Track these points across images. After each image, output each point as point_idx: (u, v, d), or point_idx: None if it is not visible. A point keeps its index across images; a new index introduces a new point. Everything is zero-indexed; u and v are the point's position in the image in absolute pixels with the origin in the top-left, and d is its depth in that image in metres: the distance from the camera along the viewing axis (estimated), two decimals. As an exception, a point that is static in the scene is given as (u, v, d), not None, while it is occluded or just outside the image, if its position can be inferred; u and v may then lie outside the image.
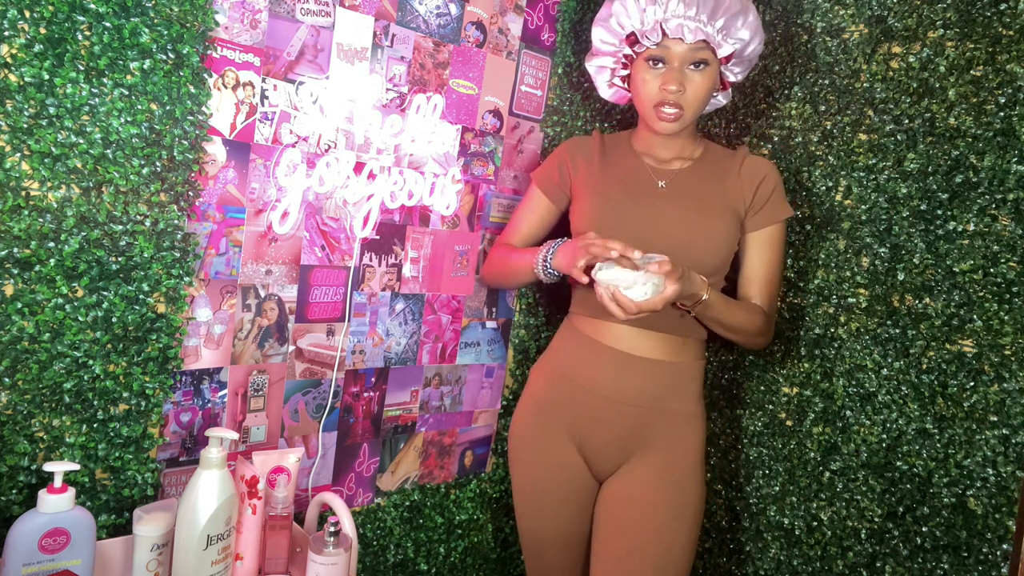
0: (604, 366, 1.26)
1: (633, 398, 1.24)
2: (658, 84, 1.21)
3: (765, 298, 1.26)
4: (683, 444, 1.25)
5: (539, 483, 1.34)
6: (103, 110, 1.01)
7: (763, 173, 1.26)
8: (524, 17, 1.53)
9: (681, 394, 1.26)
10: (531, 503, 1.36)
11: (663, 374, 1.25)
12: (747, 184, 1.26)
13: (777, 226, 1.26)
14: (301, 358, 1.31)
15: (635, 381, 1.25)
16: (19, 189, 0.95)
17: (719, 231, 1.23)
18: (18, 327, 0.98)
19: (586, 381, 1.28)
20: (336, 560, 1.05)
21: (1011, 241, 1.13)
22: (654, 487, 1.23)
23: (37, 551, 0.88)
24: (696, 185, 1.27)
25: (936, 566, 1.20)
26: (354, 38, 1.28)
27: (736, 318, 1.21)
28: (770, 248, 1.26)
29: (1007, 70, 1.14)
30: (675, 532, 1.21)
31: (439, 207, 1.45)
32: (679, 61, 1.19)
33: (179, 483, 1.19)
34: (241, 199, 1.19)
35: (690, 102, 1.21)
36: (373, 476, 1.47)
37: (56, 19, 0.95)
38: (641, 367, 1.24)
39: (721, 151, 1.32)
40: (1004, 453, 1.13)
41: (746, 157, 1.29)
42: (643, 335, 1.25)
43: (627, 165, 1.32)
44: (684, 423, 1.26)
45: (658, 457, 1.24)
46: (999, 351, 1.14)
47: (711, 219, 1.23)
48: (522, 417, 1.37)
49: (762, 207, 1.25)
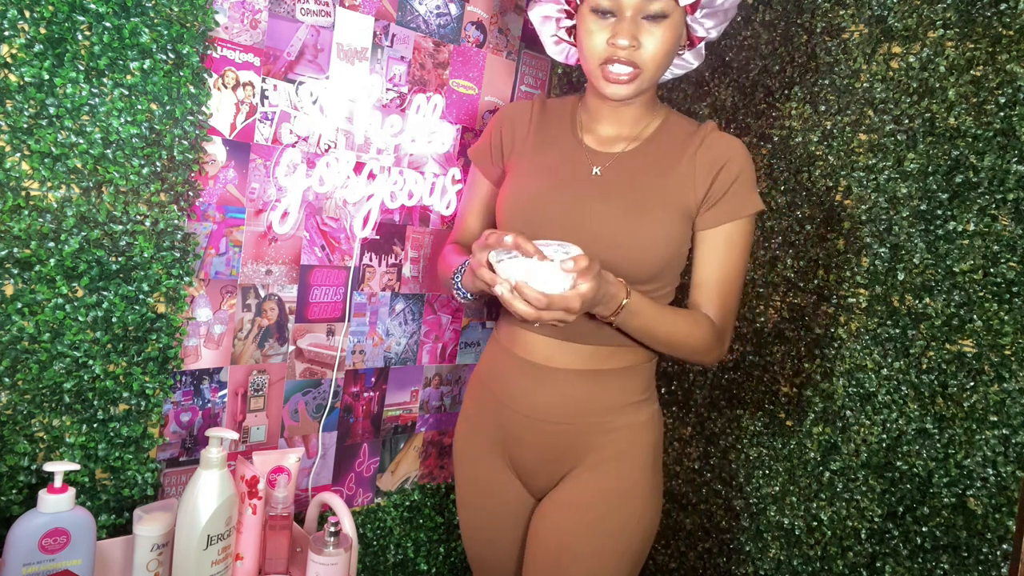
0: (519, 380, 1.09)
1: (550, 415, 1.07)
2: (605, 37, 0.98)
3: (716, 308, 1.05)
4: (624, 458, 1.07)
5: (473, 497, 1.20)
6: (103, 110, 1.01)
7: (724, 158, 1.03)
8: (524, 17, 1.53)
9: (614, 405, 1.08)
10: (467, 518, 1.22)
11: (586, 386, 1.07)
12: (703, 170, 1.04)
13: (738, 223, 1.04)
14: (301, 358, 1.31)
15: (551, 396, 1.07)
16: (19, 189, 0.95)
17: (658, 231, 1.03)
18: (18, 327, 0.98)
19: (505, 396, 1.12)
20: (336, 560, 1.05)
21: (1011, 241, 1.13)
22: (583, 507, 1.06)
23: (37, 551, 0.88)
24: (637, 174, 1.06)
25: (936, 566, 1.20)
26: (354, 38, 1.28)
27: (672, 330, 1.01)
28: (726, 249, 1.05)
29: (1007, 70, 1.14)
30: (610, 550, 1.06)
31: (439, 207, 1.45)
32: (632, 10, 0.97)
33: (179, 483, 1.19)
34: (241, 199, 1.19)
35: (647, 60, 0.99)
36: (373, 476, 1.47)
37: (56, 19, 0.95)
38: (558, 380, 1.07)
39: (682, 127, 1.09)
40: (1004, 453, 1.13)
41: (708, 135, 1.06)
42: (562, 347, 1.06)
43: (561, 144, 1.12)
44: (622, 435, 1.08)
45: (593, 474, 1.07)
46: (999, 351, 1.14)
47: (648, 216, 1.03)
48: (458, 430, 1.23)
49: (719, 200, 1.03)
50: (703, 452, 1.53)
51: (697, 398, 1.53)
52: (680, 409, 1.58)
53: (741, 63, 1.48)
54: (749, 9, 1.46)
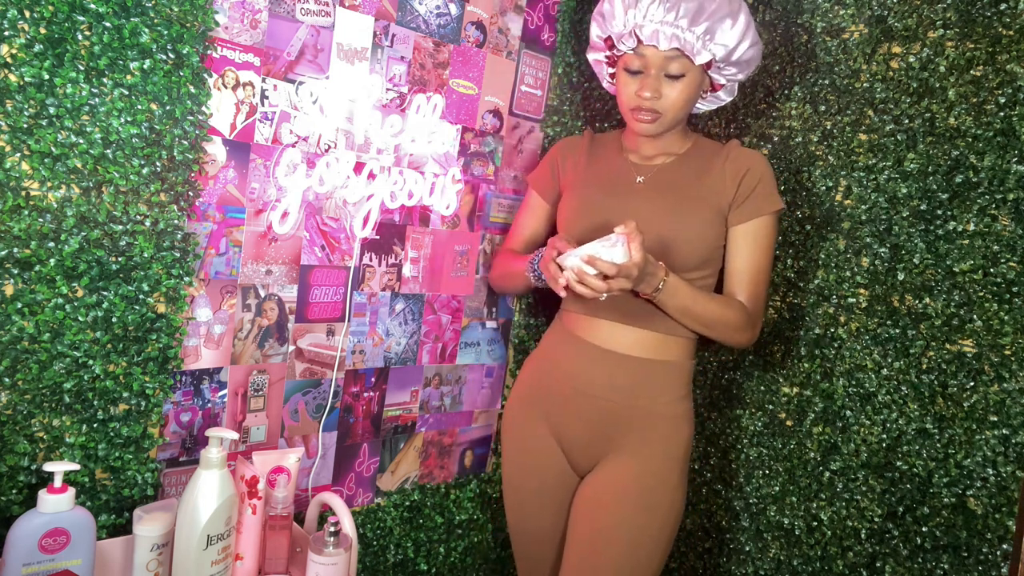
0: (579, 359, 1.26)
1: (604, 391, 1.22)
2: (635, 90, 1.19)
3: (747, 294, 1.21)
4: (661, 445, 1.21)
5: (520, 472, 1.34)
6: (103, 110, 1.01)
7: (748, 165, 1.22)
8: (524, 17, 1.53)
9: (660, 394, 1.22)
10: (513, 491, 1.37)
11: (638, 371, 1.22)
12: (730, 177, 1.22)
13: (763, 220, 1.21)
14: (301, 358, 1.31)
15: (607, 375, 1.23)
16: (19, 189, 0.95)
17: (696, 225, 1.20)
18: (18, 327, 0.98)
19: (562, 373, 1.27)
20: (336, 560, 1.05)
21: (1011, 241, 1.13)
22: (625, 482, 1.20)
23: (37, 551, 0.88)
24: (675, 179, 1.25)
25: (936, 566, 1.20)
26: (354, 38, 1.27)
27: (707, 310, 1.17)
28: (754, 242, 1.21)
29: (1007, 70, 1.14)
30: (644, 524, 1.18)
31: (439, 207, 1.45)
32: (656, 68, 1.18)
33: (179, 483, 1.19)
34: (241, 199, 1.19)
35: (667, 108, 1.19)
36: (373, 476, 1.47)
37: (56, 19, 0.95)
38: (615, 361, 1.22)
39: (711, 146, 1.29)
40: (1004, 453, 1.13)
41: (732, 150, 1.25)
42: (621, 330, 1.23)
43: (610, 162, 1.32)
44: (663, 424, 1.22)
45: (633, 458, 1.21)
46: (999, 351, 1.14)
47: (688, 213, 1.21)
48: (509, 407, 1.39)
49: (745, 200, 1.21)
50: (703, 452, 1.53)
51: (697, 398, 1.53)
52: (680, 409, 1.58)
53: (741, 63, 1.48)
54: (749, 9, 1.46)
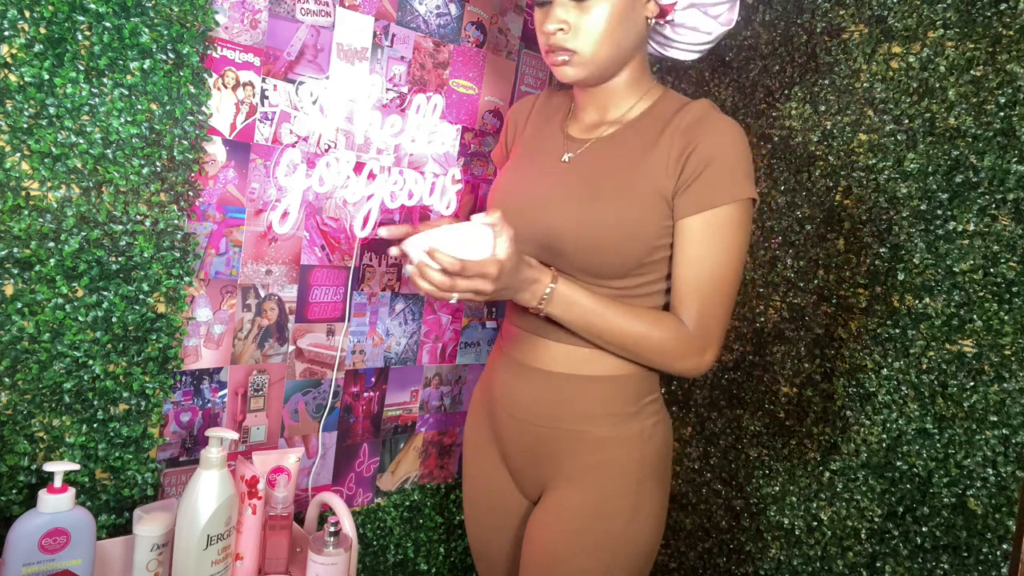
0: (505, 376, 1.05)
1: (528, 414, 1.02)
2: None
3: (692, 310, 0.91)
4: (609, 472, 0.98)
5: (473, 494, 1.17)
6: (103, 110, 1.01)
7: (698, 139, 0.90)
8: (524, 17, 1.53)
9: (590, 414, 0.98)
10: (469, 513, 1.19)
11: (562, 390, 0.99)
12: (676, 153, 0.91)
13: (717, 212, 0.89)
14: (301, 358, 1.31)
15: (529, 395, 1.01)
16: (19, 189, 0.95)
17: (624, 219, 0.91)
18: (18, 327, 0.98)
19: (494, 394, 1.08)
20: (336, 560, 1.05)
21: (1011, 241, 1.13)
22: (564, 519, 0.99)
23: (37, 551, 0.88)
24: (610, 158, 0.96)
25: (936, 566, 1.20)
26: (354, 38, 1.28)
27: (620, 329, 0.91)
28: (705, 241, 0.90)
29: (1007, 70, 1.14)
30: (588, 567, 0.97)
31: (439, 207, 1.45)
32: None
33: (179, 483, 1.19)
34: (241, 199, 1.19)
35: (581, 42, 0.91)
36: (373, 476, 1.47)
37: (56, 19, 0.95)
38: (536, 379, 1.00)
39: (675, 107, 0.97)
40: (1004, 453, 1.13)
41: (689, 115, 0.93)
42: (542, 343, 1.00)
43: (546, 133, 1.07)
44: (609, 447, 0.98)
45: (574, 486, 0.99)
46: (999, 351, 1.14)
47: (609, 205, 0.92)
48: (466, 427, 1.20)
49: (690, 185, 0.90)
50: (703, 452, 1.54)
51: (697, 398, 1.53)
52: (680, 409, 1.58)
53: (741, 63, 1.48)
54: (749, 9, 1.46)
